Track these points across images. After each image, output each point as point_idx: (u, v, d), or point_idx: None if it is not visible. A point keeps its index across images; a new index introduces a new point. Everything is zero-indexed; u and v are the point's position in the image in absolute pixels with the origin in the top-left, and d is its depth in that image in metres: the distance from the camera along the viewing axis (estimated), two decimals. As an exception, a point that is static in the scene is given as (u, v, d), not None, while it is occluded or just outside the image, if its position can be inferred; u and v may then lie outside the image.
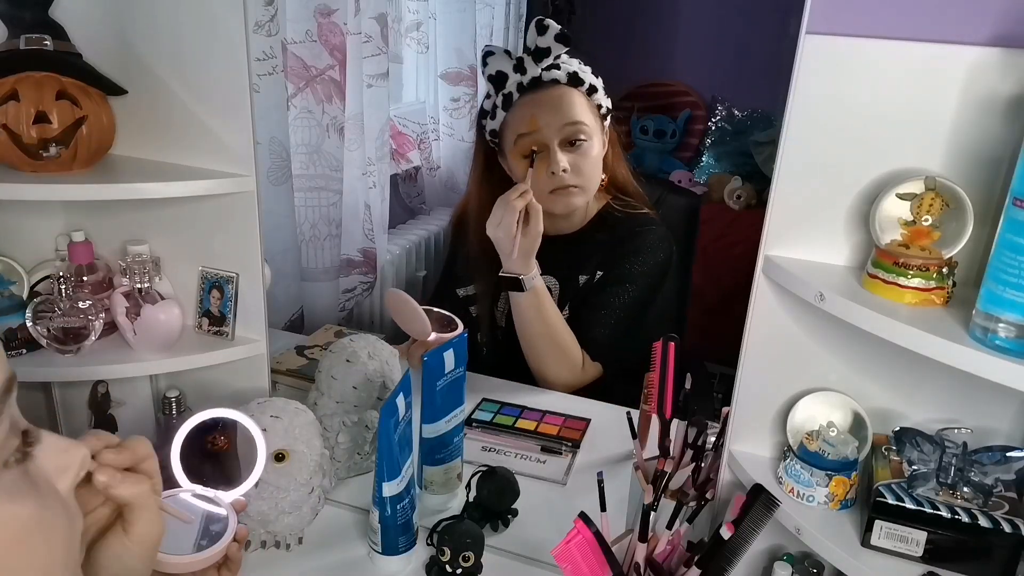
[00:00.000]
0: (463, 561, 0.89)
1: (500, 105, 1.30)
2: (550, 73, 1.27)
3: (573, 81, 1.29)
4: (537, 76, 1.27)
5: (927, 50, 0.69)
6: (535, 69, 1.27)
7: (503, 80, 1.29)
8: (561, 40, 1.25)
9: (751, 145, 2.98)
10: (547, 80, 1.27)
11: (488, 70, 1.29)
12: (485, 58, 1.30)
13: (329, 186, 1.69)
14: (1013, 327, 0.59)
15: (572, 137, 1.28)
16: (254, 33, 1.34)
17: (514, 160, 1.32)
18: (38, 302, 0.96)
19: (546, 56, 1.26)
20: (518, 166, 1.31)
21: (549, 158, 1.28)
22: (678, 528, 0.78)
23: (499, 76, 1.29)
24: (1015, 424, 0.76)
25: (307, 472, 0.93)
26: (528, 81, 1.28)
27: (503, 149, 1.34)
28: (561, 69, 1.28)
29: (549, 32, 1.25)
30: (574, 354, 1.31)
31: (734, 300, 0.87)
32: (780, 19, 2.30)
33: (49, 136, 0.90)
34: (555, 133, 1.27)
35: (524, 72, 1.27)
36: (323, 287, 1.75)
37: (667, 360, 0.86)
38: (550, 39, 1.25)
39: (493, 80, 1.29)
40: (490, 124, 1.33)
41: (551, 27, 1.25)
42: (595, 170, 1.32)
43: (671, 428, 0.86)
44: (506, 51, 1.29)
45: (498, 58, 1.29)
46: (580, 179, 1.30)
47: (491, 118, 1.32)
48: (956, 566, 0.70)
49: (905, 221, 0.71)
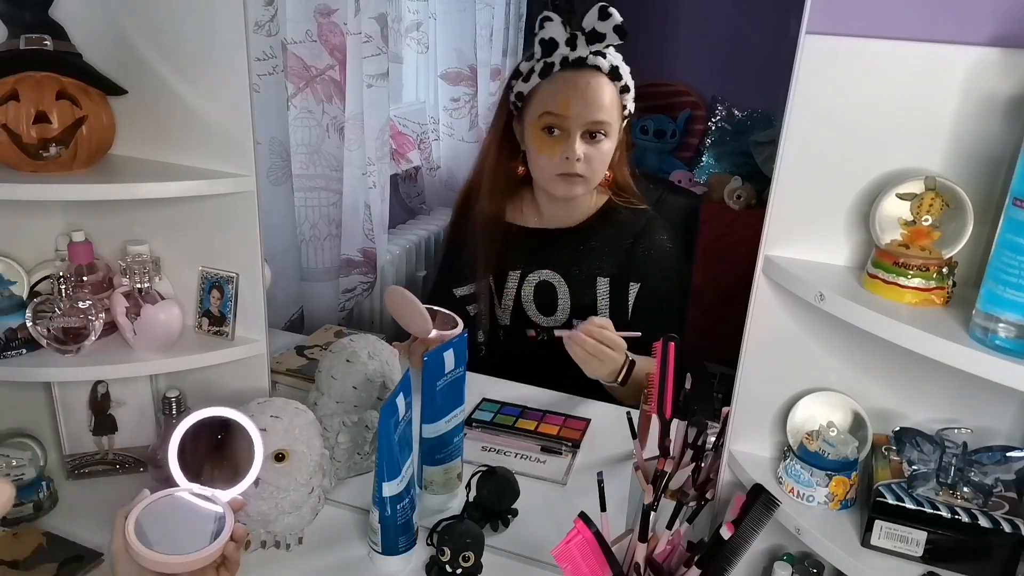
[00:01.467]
0: (463, 561, 0.89)
1: (538, 72, 1.30)
2: (595, 59, 1.27)
3: (613, 74, 1.29)
4: (583, 57, 1.27)
5: (927, 50, 0.69)
6: (584, 50, 1.27)
7: (552, 48, 1.29)
8: (618, 32, 1.25)
9: (751, 145, 2.97)
10: (590, 64, 1.28)
11: (543, 33, 1.29)
12: (542, 22, 1.30)
13: (329, 186, 1.69)
14: (1013, 327, 0.59)
15: (594, 130, 1.29)
16: (254, 33, 1.34)
17: (532, 130, 1.33)
18: (38, 302, 0.96)
19: (599, 41, 1.26)
20: (534, 136, 1.32)
21: (566, 143, 1.29)
22: (678, 528, 0.78)
23: (550, 43, 1.28)
24: (1015, 424, 0.76)
25: (307, 472, 0.93)
26: (574, 58, 1.28)
27: (523, 115, 1.35)
28: (607, 59, 1.28)
29: (610, 20, 1.25)
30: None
31: (734, 300, 0.87)
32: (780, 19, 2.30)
33: (49, 136, 0.90)
34: (581, 123, 1.28)
35: (574, 48, 1.27)
36: (323, 287, 1.74)
37: (667, 360, 0.86)
38: (609, 27, 1.25)
39: (543, 44, 1.29)
40: (520, 86, 1.33)
41: (613, 16, 1.25)
42: (603, 165, 1.34)
43: (671, 428, 0.86)
44: (563, 22, 1.29)
45: (555, 25, 1.29)
46: (589, 170, 1.31)
47: (524, 80, 1.32)
48: (956, 566, 0.70)
49: (905, 221, 0.71)
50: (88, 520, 0.99)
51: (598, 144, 1.30)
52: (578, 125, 1.28)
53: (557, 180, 1.32)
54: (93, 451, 1.10)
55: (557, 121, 1.29)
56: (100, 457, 1.10)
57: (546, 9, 1.37)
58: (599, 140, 1.30)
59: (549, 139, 1.30)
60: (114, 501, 0.79)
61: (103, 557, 0.93)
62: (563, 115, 1.28)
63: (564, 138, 1.29)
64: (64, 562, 0.92)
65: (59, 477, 1.07)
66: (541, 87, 1.31)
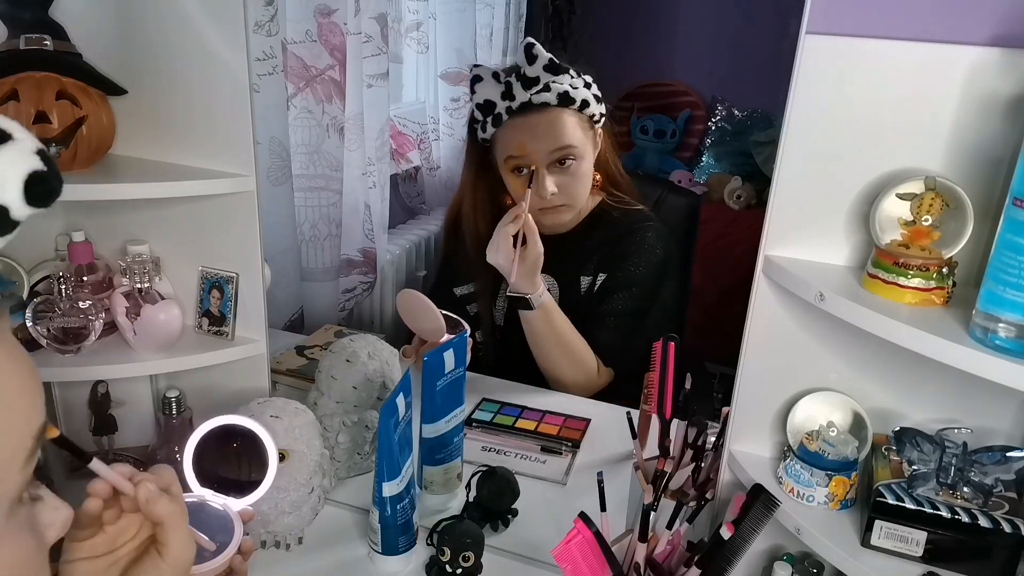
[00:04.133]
0: (463, 561, 0.89)
1: (490, 123, 1.30)
2: (540, 96, 1.25)
3: (564, 101, 1.27)
4: (527, 101, 1.26)
5: (927, 50, 0.69)
6: (524, 95, 1.25)
7: (491, 109, 1.28)
8: (550, 70, 1.24)
9: (751, 145, 2.98)
10: (537, 103, 1.26)
11: (476, 98, 1.29)
12: (473, 84, 1.29)
13: (329, 186, 1.69)
14: (1013, 327, 0.59)
15: (561, 158, 1.28)
16: (254, 33, 1.34)
17: (504, 172, 1.33)
18: (38, 302, 0.96)
19: (535, 84, 1.25)
20: (509, 179, 1.32)
21: (537, 181, 1.28)
22: (678, 528, 0.78)
23: (487, 104, 1.28)
24: (1015, 424, 0.76)
25: (307, 472, 0.93)
26: (517, 106, 1.26)
27: (494, 155, 1.34)
28: (551, 91, 1.25)
29: (538, 62, 1.23)
30: (588, 361, 1.31)
31: (734, 300, 0.87)
32: (780, 19, 2.30)
33: (49, 136, 0.90)
34: (544, 157, 1.27)
35: (513, 99, 1.26)
36: (323, 287, 1.75)
37: (667, 360, 0.86)
38: (539, 69, 1.24)
39: (481, 108, 1.29)
40: (481, 133, 1.33)
41: (540, 56, 1.23)
42: (584, 185, 1.33)
43: (671, 428, 0.86)
44: (494, 74, 1.27)
45: (486, 85, 1.27)
46: (568, 198, 1.31)
47: (482, 130, 1.32)
48: (956, 566, 0.70)
49: (905, 221, 0.71)
50: (88, 520, 0.99)
51: (571, 170, 1.29)
52: (542, 159, 1.27)
53: (541, 215, 1.31)
54: (93, 451, 1.10)
55: (521, 162, 1.28)
56: (100, 457, 1.10)
57: (546, 10, 1.36)
58: (570, 166, 1.29)
59: (520, 178, 1.30)
60: (114, 501, 0.79)
61: (103, 557, 0.93)
62: (523, 156, 1.27)
63: (534, 176, 1.28)
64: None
65: (59, 477, 1.07)
66: (498, 135, 1.30)
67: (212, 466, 0.82)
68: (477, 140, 1.36)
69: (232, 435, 0.83)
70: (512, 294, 1.28)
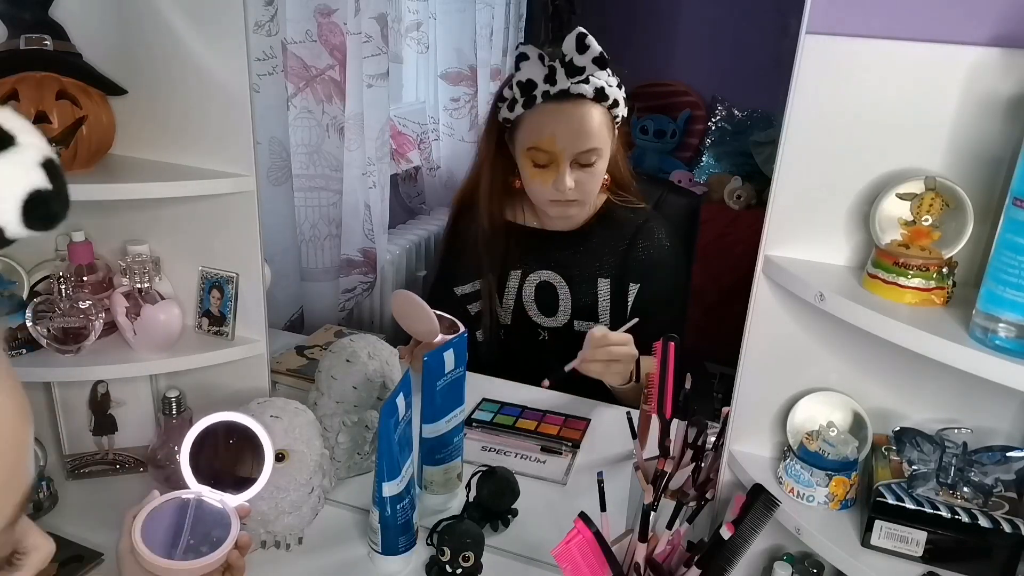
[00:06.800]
0: (463, 561, 0.89)
1: (522, 103, 1.28)
2: (578, 87, 1.25)
3: (599, 96, 1.27)
4: (566, 88, 1.25)
5: (927, 50, 0.69)
6: (565, 82, 1.25)
7: (531, 88, 1.27)
8: (598, 63, 1.24)
9: (751, 145, 2.97)
10: (574, 93, 1.25)
11: (519, 76, 1.27)
12: (518, 61, 1.27)
13: (329, 186, 1.69)
14: (1013, 327, 0.59)
15: (584, 160, 1.28)
16: (254, 33, 1.34)
17: (522, 159, 1.32)
18: (38, 302, 0.96)
19: (579, 74, 1.24)
20: (524, 165, 1.31)
21: (556, 174, 1.28)
22: (678, 528, 0.78)
23: (528, 84, 1.27)
24: (1015, 424, 0.76)
25: (307, 472, 0.93)
26: (556, 92, 1.26)
27: (513, 137, 1.33)
28: (590, 83, 1.25)
29: (588, 53, 1.23)
30: None
31: (734, 300, 0.87)
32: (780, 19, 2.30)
33: (49, 136, 0.89)
34: (570, 155, 1.27)
35: (554, 84, 1.25)
36: (323, 287, 1.75)
37: (667, 360, 0.86)
38: (588, 59, 1.23)
39: (521, 86, 1.27)
40: (506, 112, 1.31)
41: (592, 48, 1.22)
42: (598, 184, 1.33)
43: (671, 428, 0.86)
44: (540, 55, 1.26)
45: (531, 64, 1.26)
46: (582, 194, 1.31)
47: (509, 109, 1.31)
48: (956, 566, 0.70)
49: (905, 221, 0.71)
50: (88, 520, 0.99)
51: (590, 170, 1.29)
52: (567, 157, 1.27)
53: (551, 206, 1.32)
54: (93, 451, 1.10)
55: (545, 157, 1.28)
56: (100, 457, 1.10)
57: (546, 10, 1.36)
58: (591, 166, 1.29)
59: (538, 170, 1.29)
60: (114, 501, 0.79)
61: (103, 557, 0.93)
62: (550, 151, 1.27)
63: (554, 170, 1.28)
64: (64, 562, 0.92)
65: (59, 477, 1.07)
66: (526, 117, 1.29)
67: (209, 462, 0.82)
68: (498, 118, 1.35)
69: (229, 432, 0.84)
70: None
